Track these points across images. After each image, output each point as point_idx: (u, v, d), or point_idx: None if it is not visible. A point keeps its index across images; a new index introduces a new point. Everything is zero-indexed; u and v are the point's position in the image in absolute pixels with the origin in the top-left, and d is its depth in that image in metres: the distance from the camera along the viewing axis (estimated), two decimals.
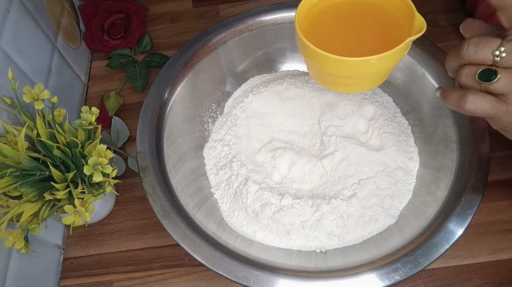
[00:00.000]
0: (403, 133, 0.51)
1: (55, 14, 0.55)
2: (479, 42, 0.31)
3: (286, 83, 0.54)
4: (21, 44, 0.46)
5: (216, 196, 0.49)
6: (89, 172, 0.39)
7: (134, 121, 0.57)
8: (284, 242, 0.45)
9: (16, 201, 0.39)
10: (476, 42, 0.31)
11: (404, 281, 0.39)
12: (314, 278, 0.38)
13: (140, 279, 0.49)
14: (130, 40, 0.64)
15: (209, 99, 0.54)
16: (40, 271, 0.46)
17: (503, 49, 0.30)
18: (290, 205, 0.45)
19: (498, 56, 0.30)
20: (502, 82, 0.30)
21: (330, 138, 0.50)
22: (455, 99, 0.32)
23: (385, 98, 0.54)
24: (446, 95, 0.33)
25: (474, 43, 0.31)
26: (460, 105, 0.32)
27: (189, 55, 0.51)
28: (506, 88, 0.31)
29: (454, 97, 0.32)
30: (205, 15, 0.69)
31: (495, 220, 0.49)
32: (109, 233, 0.52)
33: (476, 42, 0.31)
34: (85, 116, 0.41)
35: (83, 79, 0.62)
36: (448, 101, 0.33)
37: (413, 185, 0.48)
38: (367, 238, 0.45)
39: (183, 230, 0.41)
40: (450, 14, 0.65)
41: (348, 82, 0.38)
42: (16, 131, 0.40)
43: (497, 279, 0.46)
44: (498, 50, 0.30)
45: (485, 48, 0.30)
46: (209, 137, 0.53)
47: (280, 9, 0.54)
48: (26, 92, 0.40)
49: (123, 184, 0.54)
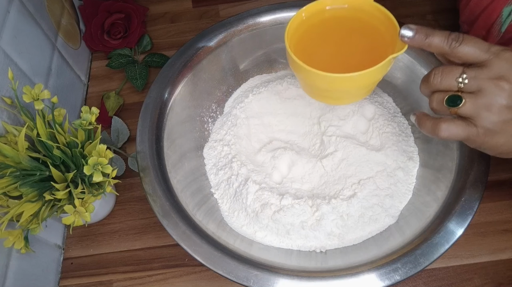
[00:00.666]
0: (403, 133, 0.51)
1: (55, 14, 0.55)
2: (444, 71, 0.34)
3: (286, 83, 0.54)
4: (21, 44, 0.46)
5: (216, 196, 0.49)
6: (89, 172, 0.39)
7: (134, 121, 0.57)
8: (284, 242, 0.45)
9: (16, 201, 0.39)
10: (441, 71, 0.34)
11: (404, 281, 0.39)
12: (314, 278, 0.38)
13: (140, 279, 0.49)
14: (130, 40, 0.64)
15: (209, 99, 0.54)
16: (40, 271, 0.46)
17: (465, 76, 0.33)
18: (290, 205, 0.45)
19: (461, 83, 0.33)
20: (468, 107, 0.33)
21: (330, 138, 0.50)
22: (430, 127, 0.35)
23: (385, 98, 0.54)
24: (421, 123, 0.36)
25: (439, 72, 0.34)
26: (434, 133, 0.35)
27: (189, 55, 0.51)
28: (473, 111, 0.33)
29: (428, 126, 0.35)
30: (205, 15, 0.69)
31: (495, 220, 0.49)
32: (109, 233, 0.52)
33: (441, 71, 0.34)
34: (85, 116, 0.41)
35: (83, 79, 0.62)
36: (424, 129, 0.36)
37: (413, 185, 0.48)
38: (367, 238, 0.45)
39: (183, 230, 0.41)
40: (450, 14, 0.65)
41: (335, 95, 0.40)
42: (16, 131, 0.40)
43: (497, 279, 0.46)
44: (460, 77, 0.33)
45: (449, 76, 0.33)
46: (209, 137, 0.53)
47: (280, 9, 0.54)
48: (26, 92, 0.40)
49: (123, 184, 0.54)
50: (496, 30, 0.49)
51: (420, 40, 0.34)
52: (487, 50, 0.33)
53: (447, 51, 0.33)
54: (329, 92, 0.39)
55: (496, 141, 0.33)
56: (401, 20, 0.37)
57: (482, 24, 0.51)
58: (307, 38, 0.40)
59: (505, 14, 0.47)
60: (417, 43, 0.34)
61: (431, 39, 0.33)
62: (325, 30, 0.40)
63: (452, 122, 0.34)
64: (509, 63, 0.32)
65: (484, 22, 0.50)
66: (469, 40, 0.33)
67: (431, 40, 0.33)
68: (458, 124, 0.34)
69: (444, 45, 0.33)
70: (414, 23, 0.36)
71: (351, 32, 0.40)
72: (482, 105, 0.32)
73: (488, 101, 0.32)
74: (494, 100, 0.32)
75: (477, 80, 0.32)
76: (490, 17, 0.49)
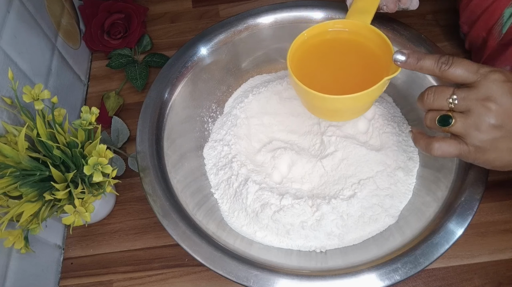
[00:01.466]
0: (403, 133, 0.51)
1: (55, 14, 0.56)
2: (436, 91, 0.35)
3: (286, 83, 0.54)
4: (21, 44, 0.46)
5: (216, 196, 0.49)
6: (89, 172, 0.39)
7: (134, 121, 0.57)
8: (284, 242, 0.45)
9: (16, 201, 0.39)
10: (434, 91, 0.36)
11: (404, 281, 0.39)
12: (314, 278, 0.38)
13: (140, 279, 0.49)
14: (130, 40, 0.64)
15: (209, 99, 0.54)
16: (40, 271, 0.46)
17: (455, 97, 0.34)
18: (290, 205, 0.45)
19: (452, 103, 0.35)
20: (458, 126, 0.35)
21: (330, 138, 0.50)
22: (423, 146, 0.37)
23: (385, 98, 0.54)
24: (416, 140, 0.38)
25: (432, 93, 0.36)
26: (428, 151, 0.37)
27: (189, 55, 0.51)
28: (463, 130, 0.35)
29: (422, 144, 0.37)
30: (205, 15, 0.69)
31: (495, 220, 0.49)
32: (109, 233, 0.52)
33: (433, 91, 0.36)
34: (85, 116, 0.41)
35: (83, 79, 0.62)
36: (418, 146, 0.38)
37: (413, 185, 0.48)
38: (367, 238, 0.45)
39: (183, 230, 0.41)
40: (450, 14, 0.65)
41: (333, 114, 0.43)
42: (16, 131, 0.40)
43: (497, 279, 0.46)
44: (451, 98, 0.34)
45: (441, 97, 0.35)
46: (209, 137, 0.53)
47: (280, 9, 0.54)
48: (26, 92, 0.40)
49: (123, 184, 0.54)
50: (497, 32, 0.49)
51: (412, 64, 0.36)
52: (475, 71, 0.34)
53: (437, 74, 0.35)
54: (327, 111, 0.42)
55: (487, 157, 0.35)
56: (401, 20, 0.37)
57: (482, 25, 0.51)
58: (307, 58, 0.42)
59: (507, 16, 0.47)
60: (409, 66, 0.36)
61: (422, 63, 0.35)
62: (325, 51, 0.43)
63: (443, 142, 0.36)
64: (496, 84, 0.33)
65: (485, 23, 0.50)
66: (458, 63, 0.34)
67: (422, 64, 0.36)
68: (450, 143, 0.36)
69: (434, 68, 0.35)
70: (414, 23, 0.36)
71: (349, 54, 0.42)
72: (472, 125, 0.34)
73: (477, 121, 0.34)
74: (482, 120, 0.34)
75: (466, 101, 0.34)
76: (491, 18, 0.49)
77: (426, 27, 0.64)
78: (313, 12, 0.54)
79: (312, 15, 0.54)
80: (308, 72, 0.41)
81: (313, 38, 0.43)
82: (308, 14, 0.54)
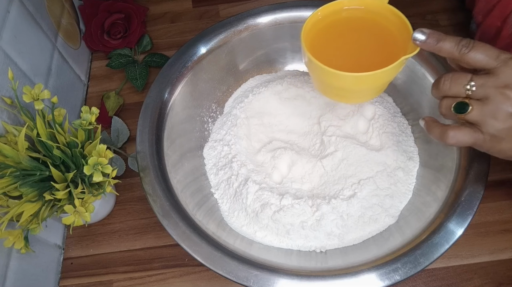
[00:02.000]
0: (403, 133, 0.51)
1: (55, 14, 0.55)
2: (452, 78, 0.34)
3: (286, 83, 0.54)
4: (21, 44, 0.46)
5: (216, 196, 0.49)
6: (89, 172, 0.39)
7: (134, 121, 0.57)
8: (284, 242, 0.45)
9: (16, 201, 0.39)
10: (450, 77, 0.35)
11: (404, 281, 0.39)
12: (314, 278, 0.38)
13: (140, 279, 0.49)
14: (130, 40, 0.64)
15: (209, 99, 0.54)
16: (40, 271, 0.46)
17: (473, 84, 0.33)
18: (290, 205, 0.45)
19: (469, 90, 0.34)
20: (474, 114, 0.34)
21: (330, 138, 0.50)
22: (438, 134, 0.36)
23: (385, 98, 0.54)
24: (429, 129, 0.37)
25: (449, 79, 0.35)
26: (442, 139, 0.36)
27: (189, 55, 0.51)
28: (479, 118, 0.34)
29: (436, 132, 0.36)
30: (205, 15, 0.69)
31: (495, 220, 0.49)
32: (109, 233, 0.52)
33: (450, 77, 0.35)
34: (85, 116, 0.41)
35: (83, 79, 0.62)
36: (432, 135, 0.37)
37: (413, 185, 0.48)
38: (367, 238, 0.45)
39: (183, 230, 0.41)
40: (450, 14, 0.65)
41: (346, 94, 0.41)
42: (16, 131, 0.40)
43: (497, 279, 0.46)
44: (468, 84, 0.33)
45: (457, 84, 0.34)
46: (209, 137, 0.53)
47: (280, 9, 0.54)
48: (26, 92, 0.40)
49: (123, 184, 0.54)
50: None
51: (431, 44, 0.35)
52: (496, 57, 0.33)
53: (456, 56, 0.34)
54: (341, 90, 0.40)
55: (502, 147, 0.34)
56: None
57: (498, 14, 0.50)
58: (321, 37, 0.40)
59: None
60: (428, 47, 0.35)
61: (442, 44, 0.34)
62: (339, 30, 0.41)
63: (458, 130, 0.35)
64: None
65: (501, 12, 0.50)
66: (479, 47, 0.33)
67: (442, 45, 0.34)
68: (465, 131, 0.35)
69: (454, 50, 0.34)
70: (414, 23, 0.36)
71: (364, 33, 0.41)
72: (488, 113, 0.33)
73: (494, 109, 0.33)
74: (500, 108, 0.33)
75: (484, 88, 0.33)
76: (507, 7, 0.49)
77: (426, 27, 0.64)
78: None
79: None
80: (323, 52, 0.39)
81: (327, 18, 0.41)
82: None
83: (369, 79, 0.36)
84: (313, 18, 0.40)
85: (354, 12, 0.41)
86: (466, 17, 0.62)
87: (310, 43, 0.39)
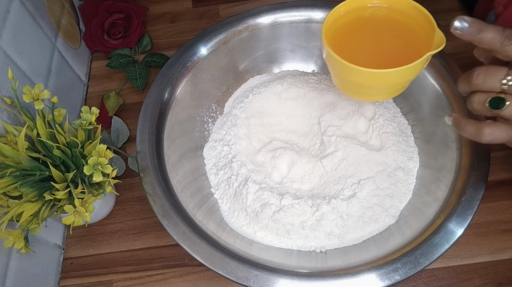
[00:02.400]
0: (403, 133, 0.51)
1: (55, 14, 0.55)
2: (487, 71, 0.32)
3: (286, 83, 0.54)
4: (21, 44, 0.46)
5: (216, 196, 0.49)
6: (89, 172, 0.39)
7: (134, 121, 0.57)
8: (284, 242, 0.45)
9: (16, 201, 0.39)
10: (485, 71, 0.32)
11: (404, 281, 0.39)
12: (314, 278, 0.38)
13: (140, 279, 0.49)
14: (130, 40, 0.64)
15: (209, 99, 0.54)
16: (40, 271, 0.46)
17: (510, 78, 0.31)
18: (290, 205, 0.45)
19: (505, 85, 0.31)
20: (511, 109, 0.32)
21: (330, 138, 0.50)
22: (472, 132, 0.34)
23: None
24: (461, 127, 0.35)
25: (483, 73, 0.32)
26: (477, 137, 0.34)
27: (189, 55, 0.51)
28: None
29: (471, 130, 0.34)
30: (205, 15, 0.69)
31: (495, 220, 0.49)
32: (109, 233, 0.52)
33: (484, 71, 0.32)
34: (85, 116, 0.41)
35: (83, 79, 0.62)
36: (465, 133, 0.35)
37: (413, 185, 0.48)
38: (367, 238, 0.45)
39: (183, 230, 0.41)
40: (450, 14, 0.65)
41: (368, 91, 0.40)
42: (16, 131, 0.40)
43: (497, 279, 0.46)
44: (505, 79, 0.31)
45: (493, 77, 0.32)
46: (209, 137, 0.53)
47: (280, 9, 0.54)
48: (26, 92, 0.40)
49: (123, 184, 0.54)
50: None
51: (472, 34, 0.32)
52: None
53: (497, 48, 0.32)
54: (362, 88, 0.39)
55: None
56: None
57: None
58: (342, 33, 0.40)
59: None
60: (469, 37, 0.32)
61: (483, 34, 0.32)
62: (361, 28, 0.40)
63: (496, 127, 0.33)
64: None
65: None
66: None
67: (483, 36, 0.32)
68: (502, 128, 0.33)
69: (496, 42, 0.32)
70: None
71: (386, 31, 0.40)
72: None
73: None
74: None
75: None
76: None
77: None
78: (313, 12, 0.54)
79: (312, 15, 0.54)
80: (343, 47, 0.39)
81: (349, 15, 0.40)
82: (308, 14, 0.54)
83: (392, 76, 0.35)
84: (335, 14, 0.40)
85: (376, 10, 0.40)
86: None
87: (330, 38, 0.39)
